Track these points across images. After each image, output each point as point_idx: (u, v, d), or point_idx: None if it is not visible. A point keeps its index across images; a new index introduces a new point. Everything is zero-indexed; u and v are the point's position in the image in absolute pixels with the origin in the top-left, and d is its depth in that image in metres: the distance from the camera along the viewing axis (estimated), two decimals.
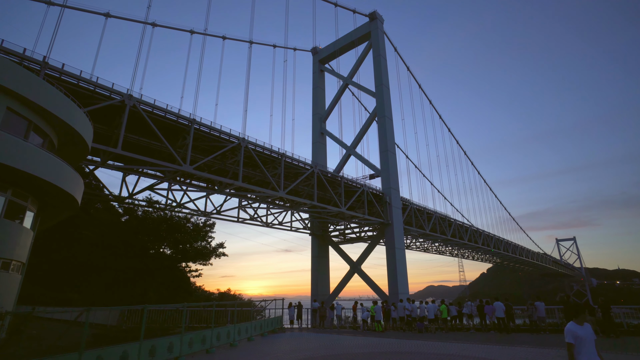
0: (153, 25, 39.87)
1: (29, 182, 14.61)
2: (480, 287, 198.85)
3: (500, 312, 16.67)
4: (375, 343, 14.31)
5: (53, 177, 14.90)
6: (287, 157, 39.50)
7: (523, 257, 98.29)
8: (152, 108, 30.29)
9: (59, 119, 15.90)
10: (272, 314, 18.75)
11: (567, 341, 4.93)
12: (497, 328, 17.17)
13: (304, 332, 18.51)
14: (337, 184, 44.70)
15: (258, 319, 17.34)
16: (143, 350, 9.35)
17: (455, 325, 18.81)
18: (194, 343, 11.18)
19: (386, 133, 50.02)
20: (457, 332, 17.73)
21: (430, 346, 13.33)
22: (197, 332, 11.60)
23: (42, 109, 15.20)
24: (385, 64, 52.19)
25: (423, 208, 56.13)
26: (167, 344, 10.27)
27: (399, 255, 46.49)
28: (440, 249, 76.22)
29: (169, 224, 16.14)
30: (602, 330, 14.90)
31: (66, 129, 16.86)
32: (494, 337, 15.81)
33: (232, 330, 13.53)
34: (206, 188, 38.63)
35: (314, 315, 21.16)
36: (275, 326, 18.21)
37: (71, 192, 15.91)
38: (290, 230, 49.69)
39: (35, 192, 15.75)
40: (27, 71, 14.91)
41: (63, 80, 25.78)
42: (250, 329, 15.09)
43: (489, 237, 77.09)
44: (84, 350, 7.88)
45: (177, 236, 15.16)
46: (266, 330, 16.85)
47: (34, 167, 14.15)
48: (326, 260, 53.23)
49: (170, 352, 10.32)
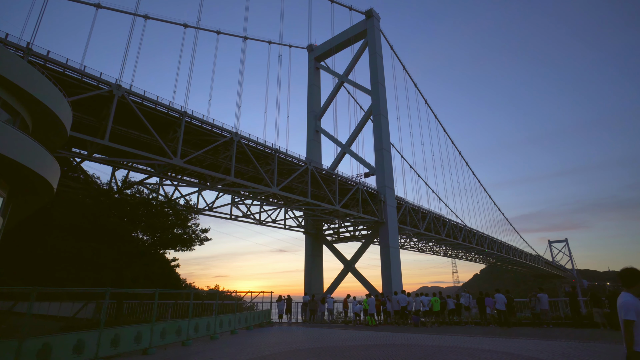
0: (145, 17, 38.74)
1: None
2: (473, 288, 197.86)
3: (502, 304, 15.34)
4: (367, 336, 13.06)
5: (17, 154, 13.52)
6: (281, 153, 38.39)
7: (516, 258, 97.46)
8: (142, 99, 29.15)
9: (29, 94, 14.55)
10: (261, 309, 17.50)
11: (627, 318, 3.59)
12: (498, 321, 15.86)
13: (293, 326, 17.19)
14: (332, 181, 43.56)
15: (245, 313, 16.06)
16: (103, 339, 8.06)
17: (453, 319, 17.56)
18: (167, 334, 9.86)
19: (381, 131, 48.99)
20: (455, 326, 16.49)
21: (427, 339, 12.12)
22: (171, 322, 10.28)
23: (8, 82, 13.85)
24: (381, 62, 51.27)
25: (418, 207, 55.07)
26: (134, 333, 8.94)
27: (393, 254, 45.31)
28: (435, 249, 75.14)
29: (146, 207, 14.81)
30: (609, 323, 13.82)
31: (39, 108, 15.50)
32: (494, 330, 14.60)
33: (212, 321, 12.21)
34: (198, 184, 37.38)
35: (304, 309, 19.82)
36: (263, 320, 16.86)
37: (41, 173, 14.54)
38: (284, 228, 48.44)
39: (2, 173, 14.34)
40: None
41: (48, 68, 24.50)
42: (233, 322, 13.72)
43: (483, 237, 76.15)
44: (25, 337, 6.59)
45: (154, 220, 13.87)
46: (252, 323, 15.47)
47: (2, 145, 12.83)
48: (320, 259, 51.92)
49: (138, 343, 9.00)
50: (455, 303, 17.32)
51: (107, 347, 8.16)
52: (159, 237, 14.09)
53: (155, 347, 9.57)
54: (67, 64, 25.90)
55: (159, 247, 14.26)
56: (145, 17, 38.67)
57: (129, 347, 8.75)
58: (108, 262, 12.23)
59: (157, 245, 14.13)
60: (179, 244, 14.97)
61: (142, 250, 13.15)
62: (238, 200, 42.65)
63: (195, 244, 15.80)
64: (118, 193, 14.68)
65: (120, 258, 12.52)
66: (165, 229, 14.31)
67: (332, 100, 55.58)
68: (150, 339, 9.40)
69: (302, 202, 41.30)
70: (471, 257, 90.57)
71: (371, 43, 51.19)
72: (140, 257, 13.01)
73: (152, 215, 14.06)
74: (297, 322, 19.00)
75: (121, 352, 8.58)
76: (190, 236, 15.57)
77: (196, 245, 15.90)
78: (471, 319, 17.35)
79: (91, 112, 28.47)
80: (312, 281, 49.55)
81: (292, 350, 9.75)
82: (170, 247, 15.05)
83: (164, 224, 14.26)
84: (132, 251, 12.79)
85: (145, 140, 31.56)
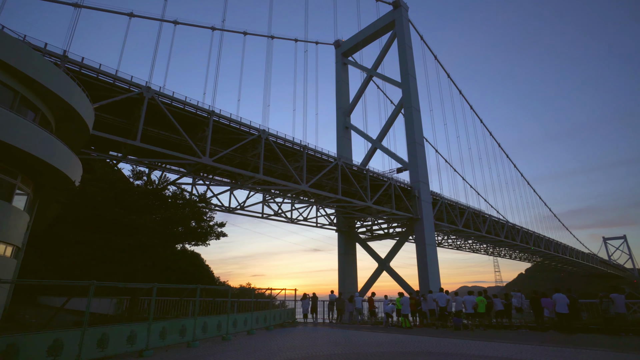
0: (175, 23, 39.04)
1: (12, 154, 12.84)
2: (518, 288, 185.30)
3: (563, 306, 12.44)
4: (398, 341, 11.08)
5: (39, 150, 13.04)
6: (310, 149, 37.11)
7: (567, 256, 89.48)
8: (171, 100, 29.11)
9: (50, 90, 14.10)
10: (283, 308, 16.01)
11: None
12: (558, 326, 13.02)
13: (319, 327, 15.51)
14: (363, 177, 41.58)
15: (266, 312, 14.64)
16: (88, 341, 6.87)
17: (502, 323, 15.03)
18: (167, 334, 8.56)
19: (413, 124, 46.26)
20: (505, 331, 14.01)
21: (472, 346, 9.98)
22: (173, 321, 8.98)
23: (29, 79, 13.45)
24: (410, 53, 48.52)
25: (455, 203, 51.52)
26: (127, 332, 7.74)
27: (430, 252, 42.39)
28: (475, 246, 70.42)
29: (155, 197, 13.85)
30: None
31: (60, 104, 15.09)
32: (555, 337, 12.04)
33: (224, 321, 10.85)
34: (229, 183, 36.98)
35: (331, 308, 18.01)
36: (285, 319, 15.34)
37: (61, 168, 14.02)
38: (316, 226, 47.02)
39: (23, 169, 14.00)
40: (11, 36, 13.22)
41: (83, 73, 24.88)
42: (250, 321, 12.29)
43: (528, 234, 70.33)
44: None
45: (163, 212, 12.86)
46: (272, 323, 14.01)
47: (16, 138, 12.37)
48: (353, 257, 49.86)
49: (131, 344, 7.78)
50: (504, 304, 14.74)
51: (92, 350, 6.96)
52: (170, 229, 13.04)
53: (152, 348, 8.29)
54: (100, 69, 26.17)
55: (169, 240, 13.21)
56: (175, 23, 38.98)
57: (121, 348, 7.53)
58: (115, 255, 11.36)
59: (169, 238, 13.08)
60: (194, 239, 13.93)
61: (147, 243, 12.11)
62: (269, 199, 41.90)
63: (210, 239, 14.70)
64: (122, 183, 13.83)
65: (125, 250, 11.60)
66: (174, 221, 13.25)
67: (361, 96, 53.48)
68: (147, 340, 8.14)
69: (333, 199, 39.71)
70: (515, 255, 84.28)
71: (400, 34, 48.60)
72: (144, 250, 12.03)
73: (161, 206, 13.10)
74: (323, 323, 17.26)
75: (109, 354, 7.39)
76: (206, 230, 14.47)
77: (212, 239, 14.80)
78: (524, 322, 14.65)
79: (124, 114, 28.73)
80: (346, 280, 47.64)
81: (306, 356, 8.11)
82: (183, 241, 14.00)
83: (173, 216, 13.21)
84: (135, 243, 11.82)
85: (175, 140, 31.53)
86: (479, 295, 14.65)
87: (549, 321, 13.63)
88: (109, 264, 11.50)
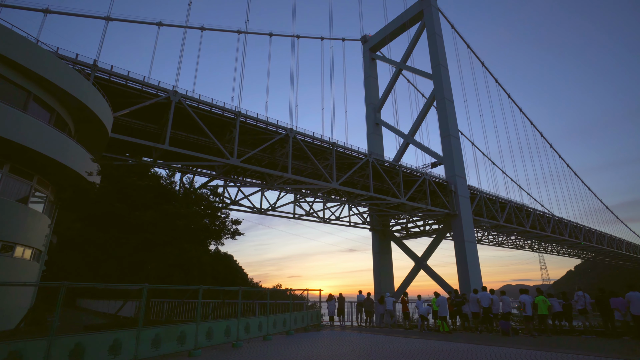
0: (202, 29, 39.16)
1: (25, 155, 12.42)
2: (567, 286, 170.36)
3: (639, 307, 10.22)
4: (434, 349, 9.18)
5: (47, 148, 12.51)
6: (339, 147, 35.61)
7: (622, 251, 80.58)
8: (198, 103, 28.92)
9: (61, 89, 13.64)
10: (305, 309, 14.42)
11: None
12: (634, 332, 10.53)
13: (347, 331, 13.79)
14: (395, 173, 39.29)
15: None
16: (56, 351, 5.73)
17: (561, 327, 12.50)
18: (162, 341, 7.33)
19: (447, 116, 43.24)
20: (565, 337, 11.53)
21: (527, 357, 7.90)
22: (171, 327, 7.75)
23: (38, 77, 13.02)
24: (441, 42, 45.57)
25: (495, 197, 47.58)
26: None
27: (470, 249, 39.12)
28: (518, 242, 65.01)
29: (159, 192, 12.91)
30: None
31: (75, 104, 14.67)
32: (631, 346, 9.55)
33: (233, 325, 9.50)
34: (260, 184, 36.30)
35: (359, 310, 16.17)
36: (308, 323, 13.77)
37: (73, 167, 13.49)
38: (349, 225, 45.21)
39: (38, 169, 13.59)
40: (23, 37, 12.86)
41: (113, 81, 25.16)
42: (266, 325, 10.90)
43: (577, 228, 63.87)
44: None
45: (166, 207, 11.86)
46: (293, 327, 12.53)
47: (27, 138, 11.93)
48: (388, 256, 47.41)
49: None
50: (562, 304, 12.18)
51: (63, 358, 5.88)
52: (179, 226, 12.01)
53: (142, 358, 7.08)
54: (129, 76, 26.34)
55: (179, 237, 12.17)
56: (202, 29, 39.10)
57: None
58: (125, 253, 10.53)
59: (174, 234, 12.04)
60: (207, 237, 12.89)
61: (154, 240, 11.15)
62: (300, 199, 40.77)
63: (225, 237, 13.60)
64: (124, 177, 13.04)
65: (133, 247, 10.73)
66: (182, 216, 12.20)
67: (391, 90, 51.09)
68: (135, 349, 6.94)
69: (365, 197, 37.83)
70: (563, 251, 77.07)
71: (429, 24, 45.81)
72: (151, 248, 11.08)
73: (168, 201, 12.15)
74: (350, 327, 15.45)
75: None
76: (220, 227, 13.37)
77: (227, 238, 13.70)
78: (589, 325, 11.99)
79: (153, 120, 28.85)
80: (382, 280, 45.37)
81: None
82: (195, 238, 12.92)
83: (181, 212, 12.18)
84: (141, 240, 10.90)
85: (203, 143, 31.34)
86: (539, 295, 12.14)
87: (623, 325, 10.98)
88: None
